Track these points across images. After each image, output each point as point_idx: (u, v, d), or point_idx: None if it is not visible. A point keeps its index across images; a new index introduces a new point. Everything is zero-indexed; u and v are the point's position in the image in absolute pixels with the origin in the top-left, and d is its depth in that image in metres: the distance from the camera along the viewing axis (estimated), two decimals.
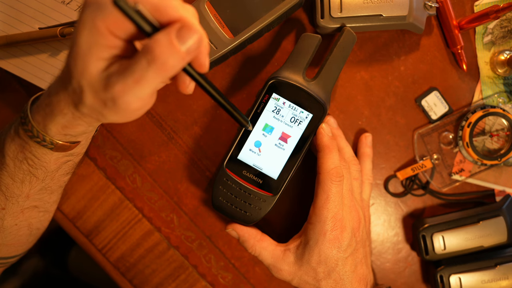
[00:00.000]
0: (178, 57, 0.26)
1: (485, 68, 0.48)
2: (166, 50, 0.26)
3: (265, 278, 0.50)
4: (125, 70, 0.27)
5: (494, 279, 0.45)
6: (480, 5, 0.47)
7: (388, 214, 0.50)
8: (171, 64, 0.26)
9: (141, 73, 0.26)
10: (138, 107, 0.29)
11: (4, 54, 0.45)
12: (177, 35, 0.26)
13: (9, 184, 0.37)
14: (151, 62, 0.26)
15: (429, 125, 0.48)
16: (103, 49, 0.28)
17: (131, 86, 0.27)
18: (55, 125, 0.33)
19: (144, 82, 0.27)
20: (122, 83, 0.27)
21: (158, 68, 0.26)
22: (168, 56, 0.26)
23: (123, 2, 0.25)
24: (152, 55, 0.26)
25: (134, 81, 0.27)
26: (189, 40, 0.26)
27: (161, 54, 0.26)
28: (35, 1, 0.44)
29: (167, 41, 0.26)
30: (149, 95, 0.29)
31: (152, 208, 0.50)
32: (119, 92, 0.27)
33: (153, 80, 0.27)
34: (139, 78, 0.27)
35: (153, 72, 0.26)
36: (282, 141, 0.42)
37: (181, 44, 0.26)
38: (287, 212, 0.49)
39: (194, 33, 0.26)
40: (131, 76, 0.27)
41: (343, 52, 0.42)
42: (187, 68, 0.29)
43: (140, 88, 0.27)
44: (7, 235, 0.40)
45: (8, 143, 0.36)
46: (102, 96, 0.28)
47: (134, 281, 0.51)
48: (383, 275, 0.50)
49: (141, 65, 0.26)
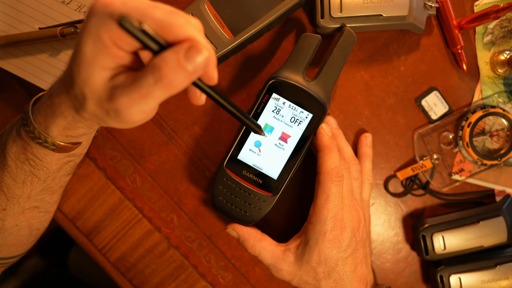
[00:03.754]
0: (186, 76, 0.26)
1: (485, 68, 0.48)
2: (174, 70, 0.26)
3: (265, 278, 0.50)
4: (131, 85, 0.27)
5: (494, 279, 0.45)
6: (480, 5, 0.47)
7: (388, 214, 0.50)
8: (178, 83, 0.26)
9: (147, 90, 0.27)
10: (140, 119, 0.29)
11: (4, 54, 0.45)
12: (185, 55, 0.26)
13: (11, 185, 0.37)
14: (159, 80, 0.26)
15: (429, 125, 0.48)
16: (108, 59, 0.28)
17: (136, 101, 0.27)
18: (57, 127, 0.33)
19: (149, 98, 0.27)
20: (127, 97, 0.27)
21: (165, 87, 0.26)
22: (175, 76, 0.26)
23: (128, 23, 0.25)
24: (159, 74, 0.26)
25: (140, 97, 0.27)
26: (197, 60, 0.26)
27: (168, 73, 0.26)
28: (35, 1, 0.44)
29: (175, 61, 0.26)
30: (153, 109, 0.29)
31: (152, 208, 0.50)
32: (124, 105, 0.28)
33: (159, 96, 0.27)
34: (145, 94, 0.27)
35: (159, 90, 0.27)
36: (282, 141, 0.42)
37: (189, 64, 0.26)
38: (287, 212, 0.49)
39: (203, 53, 0.26)
40: (137, 92, 0.27)
41: (343, 52, 0.42)
42: (197, 81, 0.29)
43: (145, 103, 0.27)
44: (7, 236, 0.40)
45: (9, 144, 0.36)
46: (105, 106, 0.28)
47: (134, 281, 0.51)
48: (383, 275, 0.50)
49: (148, 83, 0.26)
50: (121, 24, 0.25)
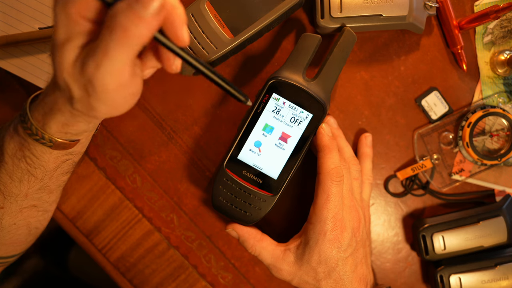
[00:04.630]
0: (140, 23, 0.25)
1: (485, 68, 0.48)
2: (126, 16, 0.25)
3: (265, 278, 0.50)
4: (94, 48, 0.27)
5: (494, 279, 0.45)
6: (480, 5, 0.47)
7: (388, 214, 0.50)
8: (134, 32, 0.25)
9: (105, 44, 0.26)
10: (116, 86, 0.28)
11: (4, 54, 0.45)
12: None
13: (7, 183, 0.37)
14: (112, 31, 0.25)
15: (429, 125, 0.48)
16: (78, 36, 0.27)
17: (101, 60, 0.26)
18: (55, 123, 0.33)
19: (111, 54, 0.26)
20: (92, 61, 0.27)
21: (120, 36, 0.25)
22: (128, 22, 0.25)
23: None
24: (112, 24, 0.25)
25: (102, 55, 0.26)
26: (150, 3, 0.25)
27: (121, 21, 0.25)
28: (35, 1, 0.44)
29: (126, 6, 0.25)
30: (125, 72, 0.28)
31: (152, 208, 0.50)
32: (92, 71, 0.27)
33: (119, 50, 0.26)
34: (105, 50, 0.26)
35: (116, 41, 0.25)
36: (282, 141, 0.42)
37: (142, 8, 0.25)
38: (287, 212, 0.49)
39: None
40: (99, 51, 0.26)
41: (343, 52, 0.42)
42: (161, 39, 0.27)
43: (109, 61, 0.26)
44: (5, 234, 0.40)
45: (7, 141, 0.36)
46: (82, 82, 0.28)
47: (134, 281, 0.51)
48: (383, 275, 0.50)
49: (105, 37, 0.26)
50: None
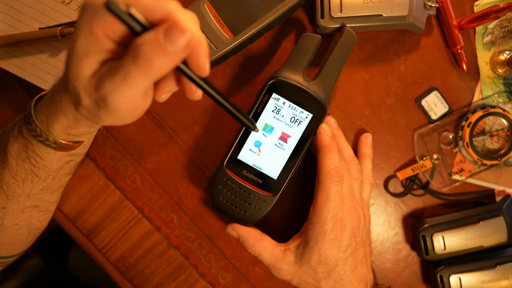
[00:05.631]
0: (165, 57, 0.25)
1: (485, 68, 0.48)
2: (152, 48, 0.25)
3: (265, 278, 0.50)
4: (114, 69, 0.27)
5: (494, 279, 0.45)
6: (480, 5, 0.47)
7: (388, 214, 0.50)
8: (157, 64, 0.26)
9: (127, 71, 0.26)
10: (128, 108, 0.28)
11: (4, 54, 0.45)
12: (165, 33, 0.25)
13: (11, 183, 0.37)
14: (136, 59, 0.25)
15: (429, 125, 0.48)
16: (99, 52, 0.28)
17: (119, 84, 0.27)
18: (59, 125, 0.33)
19: (130, 80, 0.26)
20: (110, 82, 0.27)
21: (143, 66, 0.26)
22: (153, 55, 0.25)
23: (114, 5, 0.25)
24: (137, 53, 0.25)
25: (121, 79, 0.26)
26: (178, 40, 0.25)
27: (146, 51, 0.25)
28: (35, 1, 0.44)
29: (153, 38, 0.25)
30: (139, 96, 0.28)
31: (152, 208, 0.50)
32: (108, 91, 0.27)
33: (139, 78, 0.26)
34: (125, 76, 0.26)
35: (138, 70, 0.26)
36: (282, 141, 0.42)
37: (168, 43, 0.25)
38: (287, 212, 0.49)
39: (184, 33, 0.25)
40: (118, 74, 0.26)
41: (343, 52, 0.42)
42: (185, 70, 0.28)
43: (127, 86, 0.27)
44: (6, 234, 0.40)
45: (11, 142, 0.36)
46: (94, 96, 0.28)
47: (134, 281, 0.51)
48: (383, 275, 0.50)
49: (127, 63, 0.26)
50: (108, 6, 0.25)
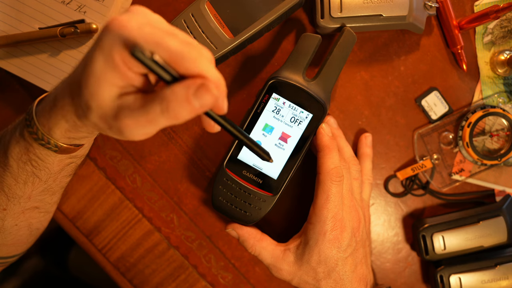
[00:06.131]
0: (192, 111, 0.27)
1: (485, 68, 0.48)
2: (181, 105, 0.26)
3: (265, 278, 0.50)
4: (138, 109, 0.28)
5: (494, 279, 0.45)
6: (480, 5, 0.47)
7: (388, 214, 0.50)
8: (183, 116, 0.27)
9: (153, 117, 0.27)
10: (141, 139, 0.30)
11: (4, 54, 0.45)
12: (195, 93, 0.26)
13: (12, 185, 0.37)
14: (165, 111, 0.27)
15: (429, 125, 0.48)
16: (118, 78, 0.28)
17: (141, 125, 0.28)
18: (59, 129, 0.33)
19: (154, 124, 0.28)
20: (133, 120, 0.28)
21: (170, 117, 0.27)
22: (182, 110, 0.27)
23: (139, 53, 0.25)
24: (167, 106, 0.27)
25: (146, 121, 0.28)
26: (206, 98, 0.26)
27: (175, 107, 0.26)
28: (35, 1, 0.44)
29: (184, 96, 0.26)
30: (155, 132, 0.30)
31: (152, 208, 0.50)
32: (128, 126, 0.28)
33: (163, 124, 0.28)
34: (150, 120, 0.27)
35: (165, 119, 0.27)
36: (282, 141, 0.42)
37: (197, 101, 0.26)
38: (287, 212, 0.49)
39: (212, 93, 0.27)
40: (143, 117, 0.27)
41: (343, 52, 0.42)
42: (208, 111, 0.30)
43: (149, 127, 0.28)
44: (7, 235, 0.40)
45: (12, 145, 0.36)
46: (109, 122, 0.29)
47: (134, 281, 0.51)
48: (383, 275, 0.50)
49: (155, 111, 0.27)
50: (133, 54, 0.25)
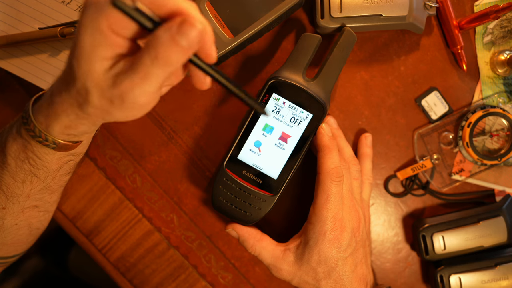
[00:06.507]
0: (181, 52, 0.26)
1: (485, 68, 0.48)
2: (168, 47, 0.26)
3: (265, 278, 0.50)
4: (131, 68, 0.27)
5: (494, 279, 0.45)
6: (480, 5, 0.47)
7: (388, 214, 0.50)
8: (174, 59, 0.27)
9: (146, 70, 0.27)
10: (145, 102, 0.29)
11: (4, 54, 0.45)
12: (178, 30, 0.26)
13: (10, 184, 0.37)
14: (155, 60, 0.26)
15: (429, 125, 0.48)
16: (107, 48, 0.28)
17: (138, 83, 0.28)
18: (58, 125, 0.33)
19: (150, 78, 0.27)
20: (129, 81, 0.28)
21: (162, 65, 0.27)
22: (170, 53, 0.26)
23: (121, 2, 0.25)
24: (155, 53, 0.26)
25: (141, 78, 0.27)
26: (191, 34, 0.26)
27: (163, 51, 0.26)
28: (35, 1, 0.44)
29: (169, 37, 0.26)
30: (156, 90, 0.29)
31: (152, 208, 0.50)
32: (127, 89, 0.28)
33: (158, 75, 0.27)
34: (144, 75, 0.27)
35: (157, 68, 0.27)
36: (282, 141, 0.42)
37: (183, 39, 0.26)
38: (287, 212, 0.49)
39: (196, 27, 0.26)
40: (137, 74, 0.27)
41: (343, 52, 0.42)
42: (195, 60, 0.29)
43: (147, 83, 0.28)
44: (7, 235, 0.40)
45: (10, 143, 0.36)
46: (109, 94, 0.29)
47: (134, 281, 0.51)
48: (383, 275, 0.50)
49: (146, 63, 0.27)
50: (115, 4, 0.25)
